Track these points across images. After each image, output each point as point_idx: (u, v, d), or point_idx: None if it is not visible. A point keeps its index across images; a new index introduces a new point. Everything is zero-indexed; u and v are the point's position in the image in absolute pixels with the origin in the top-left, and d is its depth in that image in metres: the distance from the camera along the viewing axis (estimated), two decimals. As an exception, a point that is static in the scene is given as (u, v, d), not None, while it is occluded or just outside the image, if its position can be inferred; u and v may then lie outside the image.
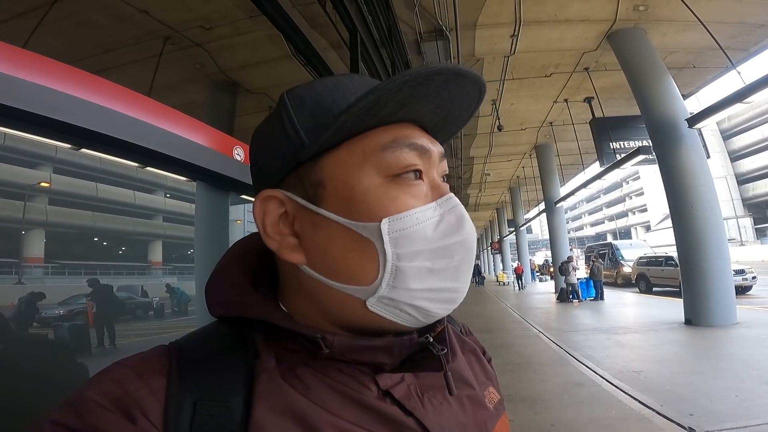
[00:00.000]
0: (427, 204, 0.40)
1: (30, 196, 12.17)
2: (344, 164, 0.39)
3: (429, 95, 0.39)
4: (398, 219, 0.38)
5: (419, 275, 0.38)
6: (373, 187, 0.39)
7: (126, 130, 1.25)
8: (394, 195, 0.39)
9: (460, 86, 0.40)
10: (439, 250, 0.39)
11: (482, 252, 45.09)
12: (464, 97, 0.42)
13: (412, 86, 0.37)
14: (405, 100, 0.38)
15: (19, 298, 3.55)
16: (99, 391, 0.33)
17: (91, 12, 4.96)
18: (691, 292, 6.89)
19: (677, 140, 6.92)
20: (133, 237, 17.74)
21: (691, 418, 3.17)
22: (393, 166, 0.39)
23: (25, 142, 8.56)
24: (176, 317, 8.56)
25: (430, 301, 0.39)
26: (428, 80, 0.37)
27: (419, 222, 0.38)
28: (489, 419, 0.48)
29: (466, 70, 0.38)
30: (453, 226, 0.40)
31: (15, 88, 1.04)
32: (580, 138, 11.53)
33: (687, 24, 6.97)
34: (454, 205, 0.41)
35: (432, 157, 0.42)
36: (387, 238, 0.37)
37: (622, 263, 17.27)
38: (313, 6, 4.03)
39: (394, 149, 0.39)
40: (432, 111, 0.42)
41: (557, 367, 4.99)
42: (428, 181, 0.41)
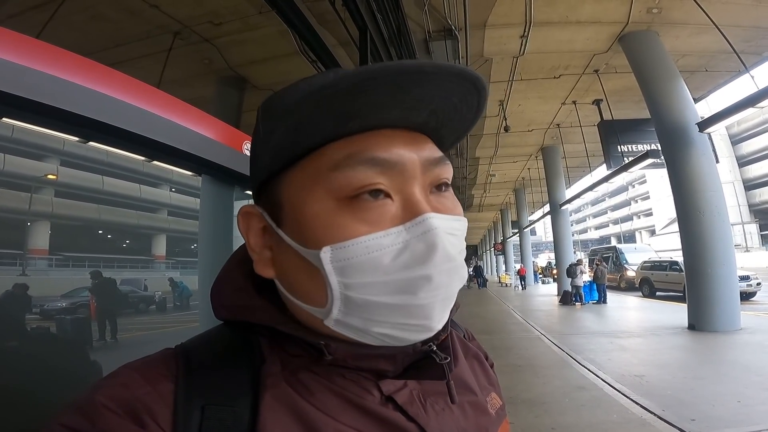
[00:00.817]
0: (386, 230, 0.35)
1: (36, 188, 12.26)
2: (297, 185, 0.38)
3: (381, 103, 0.35)
4: (342, 248, 0.34)
5: (374, 308, 0.35)
6: (323, 211, 0.36)
7: (134, 121, 1.25)
8: (342, 222, 0.35)
9: (424, 84, 0.34)
10: (397, 283, 0.35)
11: (485, 253, 45.02)
12: (447, 93, 0.36)
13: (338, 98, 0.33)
14: (347, 112, 0.35)
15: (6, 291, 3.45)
16: (108, 395, 0.33)
17: (103, 6, 4.99)
18: (695, 297, 6.85)
19: (687, 144, 6.86)
20: (137, 230, 17.83)
21: (693, 423, 3.15)
22: (344, 187, 0.35)
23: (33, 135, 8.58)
24: (178, 312, 8.60)
25: (393, 329, 0.36)
26: (358, 88, 0.33)
27: (371, 251, 0.34)
28: (490, 425, 0.47)
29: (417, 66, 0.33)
30: (420, 256, 0.34)
31: (26, 78, 1.03)
32: (588, 140, 11.46)
33: (700, 27, 6.90)
34: (426, 230, 0.35)
35: (406, 170, 0.37)
36: (330, 267, 0.34)
37: (626, 267, 17.20)
38: (322, 3, 4.02)
39: (345, 168, 0.35)
40: (403, 115, 0.37)
41: (558, 370, 4.98)
42: (400, 198, 0.37)
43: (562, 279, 13.49)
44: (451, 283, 0.37)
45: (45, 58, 1.09)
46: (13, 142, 9.31)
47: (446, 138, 0.43)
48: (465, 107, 0.39)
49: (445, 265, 0.35)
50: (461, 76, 0.35)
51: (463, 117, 0.40)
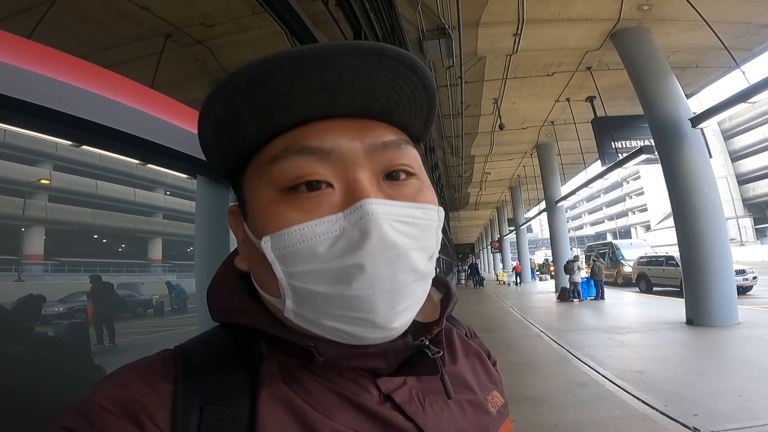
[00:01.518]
0: (322, 218, 0.34)
1: (30, 193, 12.16)
2: (249, 181, 0.39)
3: (287, 93, 0.34)
4: (279, 236, 0.34)
5: (316, 299, 0.35)
6: (265, 203, 0.37)
7: (128, 122, 1.22)
8: (279, 211, 0.36)
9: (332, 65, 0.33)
10: (332, 272, 0.34)
11: (482, 251, 45.15)
12: (367, 73, 0.35)
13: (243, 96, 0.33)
14: (263, 107, 0.35)
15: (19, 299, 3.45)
16: (107, 396, 0.33)
17: (92, 8, 4.95)
18: (692, 292, 6.87)
19: (680, 140, 6.89)
20: (133, 234, 17.74)
21: (696, 418, 3.15)
22: (280, 179, 0.36)
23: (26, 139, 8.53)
24: (176, 315, 8.57)
25: (343, 323, 0.35)
26: (258, 82, 0.33)
27: (305, 239, 0.34)
28: (491, 423, 0.47)
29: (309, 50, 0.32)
30: (353, 243, 0.33)
31: (17, 79, 1.01)
32: (582, 137, 11.49)
33: (691, 24, 6.94)
34: (361, 217, 0.33)
35: (345, 156, 0.36)
36: (272, 257, 0.35)
37: (623, 263, 17.27)
38: (315, 4, 4.00)
39: (281, 160, 0.36)
40: (331, 101, 0.36)
41: (559, 367, 4.97)
42: (343, 186, 0.36)
43: (560, 276, 13.53)
44: (394, 274, 0.34)
45: (36, 59, 1.06)
46: (6, 147, 9.24)
47: (409, 122, 0.41)
48: (407, 87, 0.37)
49: (384, 254, 0.33)
50: (375, 53, 0.34)
51: (413, 98, 0.38)
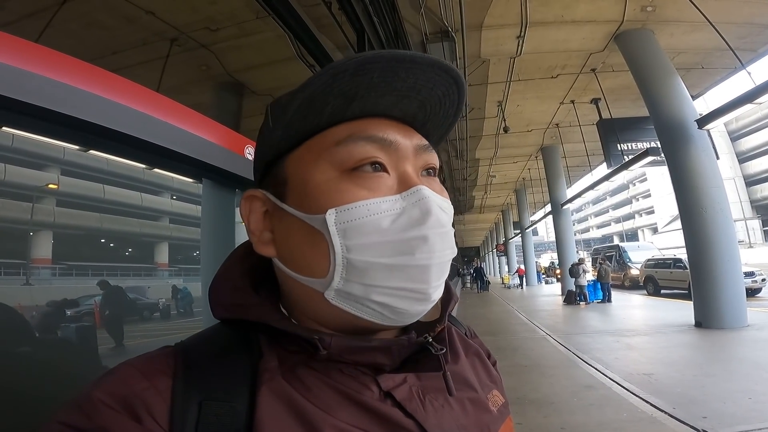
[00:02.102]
0: (385, 196, 0.39)
1: (38, 198, 12.26)
2: (302, 161, 0.41)
3: (376, 86, 0.39)
4: (346, 210, 0.37)
5: (374, 270, 0.37)
6: (325, 180, 0.39)
7: (135, 125, 1.24)
8: (345, 187, 0.39)
9: (415, 73, 0.39)
10: (396, 244, 0.37)
11: (487, 255, 44.96)
12: (433, 85, 0.41)
13: (346, 78, 0.37)
14: (349, 93, 0.38)
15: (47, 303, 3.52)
16: (106, 391, 0.34)
17: (99, 13, 5.00)
18: (701, 295, 6.81)
19: (687, 141, 6.85)
20: (139, 238, 17.83)
21: (705, 420, 3.12)
22: (347, 159, 0.39)
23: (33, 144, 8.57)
24: (182, 318, 8.60)
25: (392, 297, 0.38)
26: (363, 70, 0.37)
27: (371, 213, 0.37)
28: (492, 422, 0.47)
29: (410, 55, 0.38)
30: (415, 219, 0.38)
31: (26, 83, 1.02)
32: (587, 139, 11.45)
33: (695, 25, 6.91)
34: (420, 198, 0.39)
35: (399, 150, 0.41)
36: (333, 229, 0.37)
37: (630, 265, 17.13)
38: (318, 8, 4.03)
39: (347, 143, 0.39)
40: (396, 102, 0.41)
41: (565, 370, 4.94)
42: (396, 174, 0.41)
43: (566, 278, 13.45)
44: (444, 249, 0.39)
45: (45, 63, 1.08)
46: (14, 151, 9.33)
47: (432, 133, 0.47)
48: (448, 101, 0.44)
49: (438, 230, 0.39)
50: (443, 69, 0.40)
51: (446, 112, 0.45)
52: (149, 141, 1.38)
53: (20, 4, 4.38)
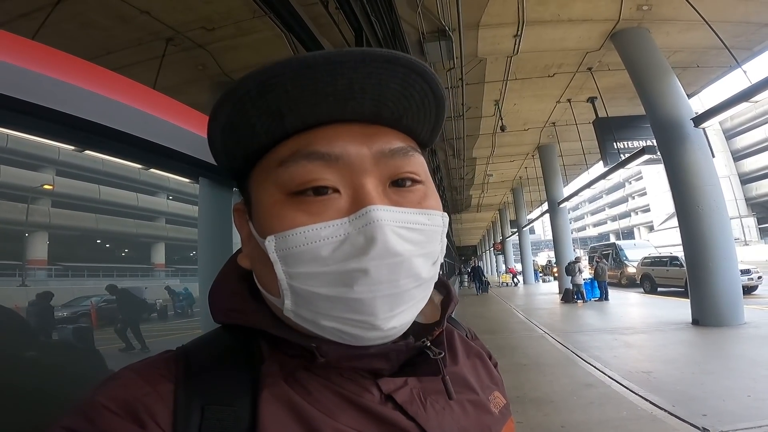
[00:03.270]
0: (327, 221, 0.35)
1: (33, 199, 12.21)
2: (257, 181, 0.40)
3: (299, 96, 0.34)
4: (283, 237, 0.35)
5: (316, 300, 0.36)
6: (271, 204, 0.38)
7: (131, 123, 1.21)
8: (285, 213, 0.36)
9: (343, 72, 0.34)
10: (335, 275, 0.35)
11: (484, 253, 45.06)
12: (379, 80, 0.35)
13: (253, 100, 0.34)
14: (273, 110, 0.35)
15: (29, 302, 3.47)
16: (108, 396, 0.34)
17: (93, 13, 4.96)
18: (698, 293, 6.84)
19: (683, 140, 6.87)
20: (136, 239, 17.78)
21: (705, 418, 3.12)
22: (288, 182, 0.37)
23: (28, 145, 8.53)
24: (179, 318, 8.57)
25: (342, 324, 0.36)
26: (269, 87, 0.34)
27: (309, 241, 0.35)
28: (493, 424, 0.47)
29: (321, 56, 0.33)
30: (358, 248, 0.34)
31: (21, 80, 1.00)
32: (584, 138, 11.46)
33: (691, 23, 6.94)
34: (367, 222, 0.34)
35: (352, 163, 0.36)
36: (274, 256, 0.36)
37: (626, 264, 17.20)
38: (315, 7, 4.01)
39: (289, 164, 0.36)
40: (339, 106, 0.36)
41: (565, 368, 4.95)
42: (350, 191, 0.36)
43: (563, 277, 13.49)
44: (396, 280, 0.35)
45: (38, 59, 1.05)
46: (8, 152, 9.28)
47: (417, 129, 0.41)
48: (416, 94, 0.38)
49: (387, 260, 0.34)
50: (387, 61, 0.34)
51: (421, 105, 0.39)
52: (145, 138, 1.35)
53: (14, 4, 4.34)
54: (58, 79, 1.06)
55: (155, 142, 1.34)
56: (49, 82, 1.04)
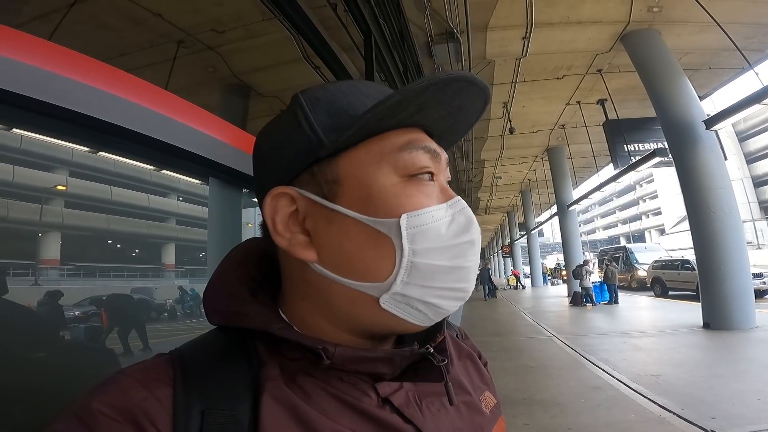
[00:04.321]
0: (440, 204, 0.41)
1: (47, 199, 12.38)
2: (362, 163, 0.40)
3: (444, 101, 0.41)
4: (416, 215, 0.38)
5: (432, 272, 0.38)
6: (390, 185, 0.39)
7: (143, 123, 1.25)
8: (411, 193, 0.39)
9: (471, 94, 0.41)
10: (451, 248, 0.39)
11: (491, 256, 44.74)
12: (471, 106, 0.43)
13: (432, 90, 0.38)
14: (424, 103, 0.40)
15: (38, 301, 3.52)
16: (105, 401, 0.33)
17: (107, 15, 5.04)
18: (709, 296, 6.77)
19: (694, 142, 6.81)
20: (146, 240, 17.93)
21: (713, 421, 3.10)
22: (409, 166, 0.40)
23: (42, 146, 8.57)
24: (188, 319, 8.65)
25: (441, 298, 0.40)
26: (447, 86, 0.39)
27: (435, 220, 0.39)
28: (485, 424, 0.48)
29: (478, 79, 0.40)
30: (463, 226, 0.41)
31: (37, 80, 1.04)
32: (594, 140, 11.39)
33: (702, 25, 6.87)
34: (463, 207, 0.42)
35: (441, 162, 0.44)
36: (405, 233, 0.38)
37: (637, 267, 17.04)
38: (324, 9, 4.04)
39: (410, 150, 0.40)
40: (443, 118, 0.43)
41: (572, 371, 4.92)
42: (438, 184, 0.43)
43: (572, 280, 13.40)
44: (479, 250, 0.43)
45: (56, 60, 1.09)
46: (22, 153, 9.42)
47: (444, 143, 0.47)
48: (470, 122, 0.47)
49: (478, 235, 0.42)
50: (486, 93, 0.42)
51: (462, 130, 0.48)
52: (157, 138, 1.38)
53: (31, 6, 4.43)
54: (74, 80, 1.09)
55: (167, 142, 1.37)
56: (66, 83, 1.06)
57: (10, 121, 1.14)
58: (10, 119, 1.11)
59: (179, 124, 1.51)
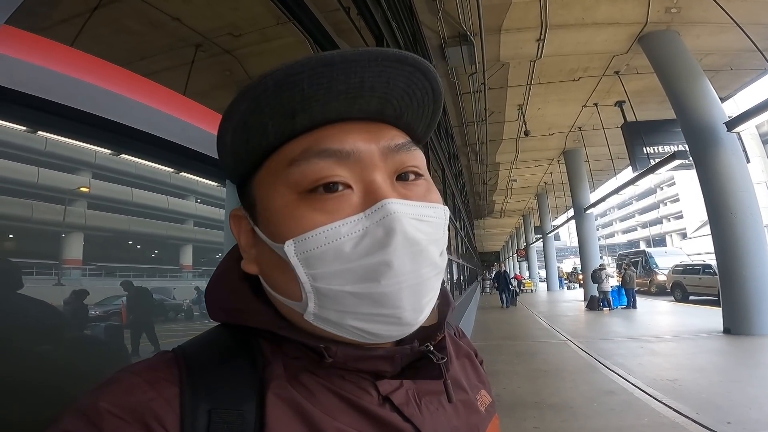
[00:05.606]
0: (344, 218, 0.35)
1: (70, 201, 12.68)
2: (263, 183, 0.39)
3: (313, 95, 0.35)
4: (303, 240, 0.35)
5: (343, 299, 0.35)
6: (282, 206, 0.37)
7: (162, 127, 1.30)
8: (300, 213, 0.36)
9: (357, 71, 0.35)
10: (360, 271, 0.35)
11: (507, 260, 44.32)
12: (388, 78, 0.36)
13: (269, 98, 0.34)
14: (286, 109, 0.35)
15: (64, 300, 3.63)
16: (112, 401, 0.33)
17: (128, 19, 5.17)
18: (730, 301, 6.63)
19: (715, 144, 6.68)
20: (165, 241, 18.23)
21: (729, 426, 3.05)
22: (301, 181, 0.36)
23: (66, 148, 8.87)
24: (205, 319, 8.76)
25: (366, 322, 0.36)
26: (286, 84, 0.34)
27: (330, 240, 0.35)
28: (481, 422, 0.48)
29: (339, 55, 0.34)
30: (379, 241, 0.35)
31: (61, 86, 1.10)
32: (612, 143, 11.22)
33: (722, 26, 6.74)
34: (385, 215, 0.35)
35: (362, 159, 0.37)
36: (295, 260, 0.35)
37: (656, 271, 16.71)
38: (337, 13, 4.10)
39: (300, 163, 0.37)
40: (348, 104, 0.37)
41: (586, 375, 4.87)
42: (361, 186, 0.37)
43: (588, 284, 13.21)
44: (418, 269, 0.36)
45: (79, 66, 1.15)
46: (47, 155, 9.67)
47: (414, 126, 0.42)
48: (419, 92, 0.39)
49: (407, 249, 0.35)
50: (395, 59, 0.35)
51: (420, 102, 0.40)
52: (175, 142, 1.43)
53: (56, 10, 4.59)
54: (95, 84, 1.15)
55: (185, 146, 1.43)
56: (87, 88, 1.13)
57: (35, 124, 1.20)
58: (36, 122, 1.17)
59: (198, 128, 1.57)
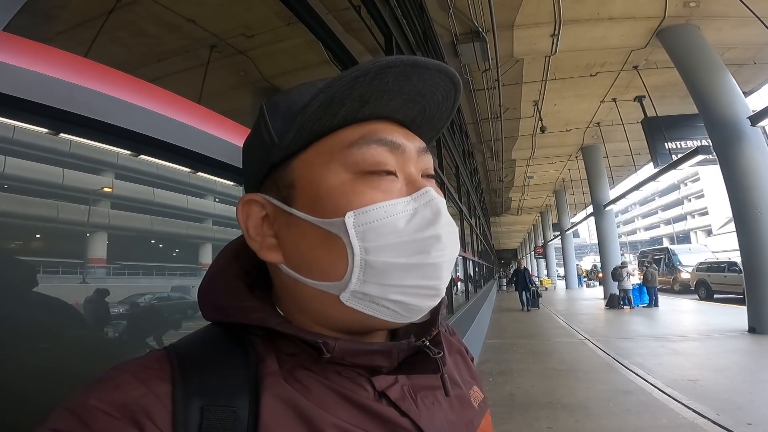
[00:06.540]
0: (398, 198, 0.39)
1: (94, 201, 13.05)
2: (312, 164, 0.41)
3: (390, 89, 0.39)
4: (364, 212, 0.38)
5: (391, 269, 0.38)
6: (339, 183, 0.39)
7: (177, 135, 1.36)
8: (360, 189, 0.39)
9: (425, 78, 0.40)
10: (411, 244, 0.38)
11: (524, 257, 43.81)
12: (436, 89, 0.42)
13: (365, 81, 0.37)
14: (364, 96, 0.39)
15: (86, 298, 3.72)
16: (102, 398, 0.32)
17: (143, 21, 5.26)
18: (755, 299, 6.45)
19: (739, 139, 6.51)
20: (186, 240, 18.57)
21: (749, 427, 2.98)
22: (360, 162, 0.39)
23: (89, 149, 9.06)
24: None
25: (407, 295, 0.39)
26: (382, 74, 0.37)
27: (388, 215, 0.38)
28: (475, 417, 0.49)
29: (425, 61, 0.38)
30: (428, 220, 0.39)
31: (78, 96, 1.16)
32: (631, 138, 10.99)
33: (743, 19, 6.55)
34: (430, 199, 0.40)
35: (406, 153, 0.42)
36: (353, 232, 0.37)
37: (680, 269, 16.33)
38: (348, 12, 4.12)
39: (360, 146, 0.40)
40: (401, 106, 0.42)
41: (603, 375, 4.80)
42: (403, 177, 0.41)
43: (608, 282, 12.98)
44: (453, 246, 0.41)
45: (94, 76, 1.21)
46: (72, 156, 9.94)
47: (425, 136, 0.47)
48: (444, 105, 0.45)
49: (448, 228, 0.40)
50: (447, 75, 0.41)
51: (441, 114, 0.46)
52: (190, 149, 1.48)
53: (71, 13, 4.69)
54: (113, 96, 1.20)
55: (200, 153, 1.48)
56: (105, 99, 1.18)
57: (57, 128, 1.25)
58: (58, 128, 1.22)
59: (211, 135, 1.61)
